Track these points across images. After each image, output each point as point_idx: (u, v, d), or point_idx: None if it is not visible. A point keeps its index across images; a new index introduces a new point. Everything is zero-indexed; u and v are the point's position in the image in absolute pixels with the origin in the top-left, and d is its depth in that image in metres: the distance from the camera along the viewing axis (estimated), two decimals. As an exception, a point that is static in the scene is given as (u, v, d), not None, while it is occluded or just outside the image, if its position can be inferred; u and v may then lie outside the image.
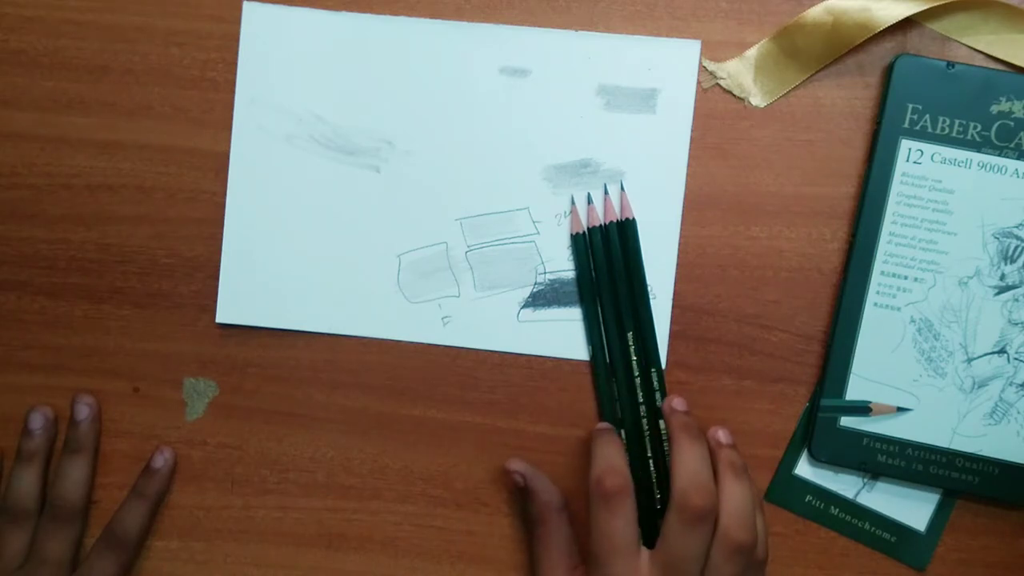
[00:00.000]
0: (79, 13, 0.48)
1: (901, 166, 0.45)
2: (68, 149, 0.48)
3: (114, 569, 0.46)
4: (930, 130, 0.45)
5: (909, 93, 0.45)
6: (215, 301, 0.48)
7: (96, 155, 0.48)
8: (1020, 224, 0.45)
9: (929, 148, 0.45)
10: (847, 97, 0.46)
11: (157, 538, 0.49)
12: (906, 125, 0.45)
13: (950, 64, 0.45)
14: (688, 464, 0.42)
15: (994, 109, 0.45)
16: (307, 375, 0.48)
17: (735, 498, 0.42)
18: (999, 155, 0.45)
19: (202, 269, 0.48)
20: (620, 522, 0.41)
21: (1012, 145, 0.45)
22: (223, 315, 0.48)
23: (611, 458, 0.43)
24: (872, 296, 0.45)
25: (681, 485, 0.41)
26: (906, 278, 0.45)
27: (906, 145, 0.45)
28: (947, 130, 0.45)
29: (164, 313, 0.49)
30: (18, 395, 0.49)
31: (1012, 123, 0.45)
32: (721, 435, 0.44)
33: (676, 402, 0.45)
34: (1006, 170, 0.45)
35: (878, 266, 0.45)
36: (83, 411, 0.48)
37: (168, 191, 0.48)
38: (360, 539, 0.48)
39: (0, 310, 0.49)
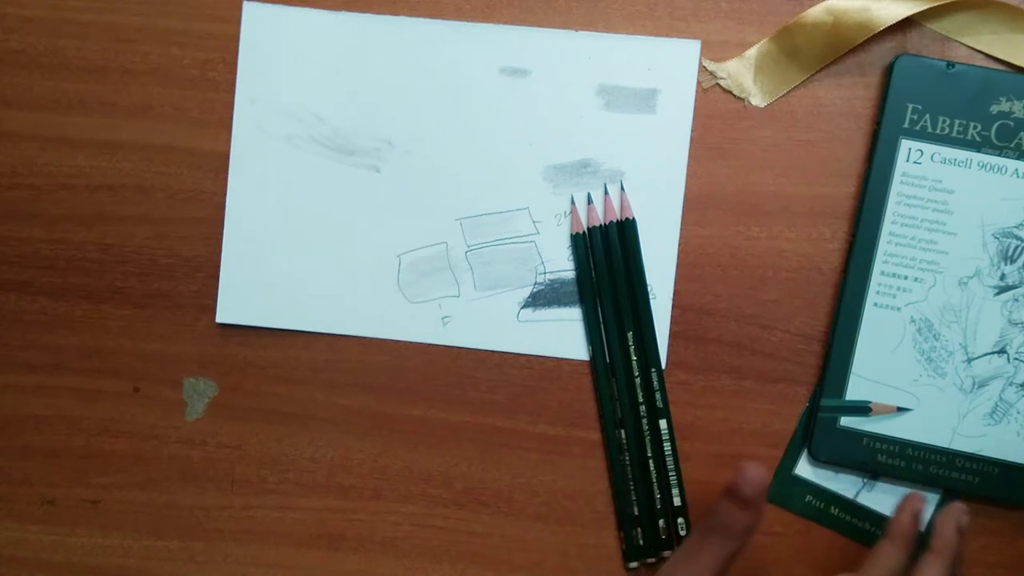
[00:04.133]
0: (79, 13, 0.48)
1: (901, 166, 0.45)
2: (68, 149, 0.48)
3: None
4: (930, 130, 0.45)
5: (909, 93, 0.45)
6: (215, 301, 0.48)
7: (96, 155, 0.48)
8: (1020, 224, 0.45)
9: (929, 148, 0.45)
10: (847, 97, 0.46)
11: (157, 538, 0.49)
12: (906, 125, 0.45)
13: (950, 64, 0.45)
14: None
15: (994, 109, 0.45)
16: (307, 375, 0.48)
17: None
18: (999, 155, 0.45)
19: (202, 269, 0.48)
20: None
21: (1012, 145, 0.45)
22: (223, 315, 0.48)
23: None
24: (872, 296, 0.45)
25: None
26: (906, 278, 0.45)
27: (906, 145, 0.45)
28: (947, 130, 0.45)
29: (164, 313, 0.49)
30: (18, 395, 0.49)
31: (1012, 123, 0.45)
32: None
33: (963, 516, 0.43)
34: (1006, 170, 0.45)
35: (878, 266, 0.45)
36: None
37: (168, 191, 0.48)
38: (360, 539, 0.48)
39: (0, 310, 0.49)
